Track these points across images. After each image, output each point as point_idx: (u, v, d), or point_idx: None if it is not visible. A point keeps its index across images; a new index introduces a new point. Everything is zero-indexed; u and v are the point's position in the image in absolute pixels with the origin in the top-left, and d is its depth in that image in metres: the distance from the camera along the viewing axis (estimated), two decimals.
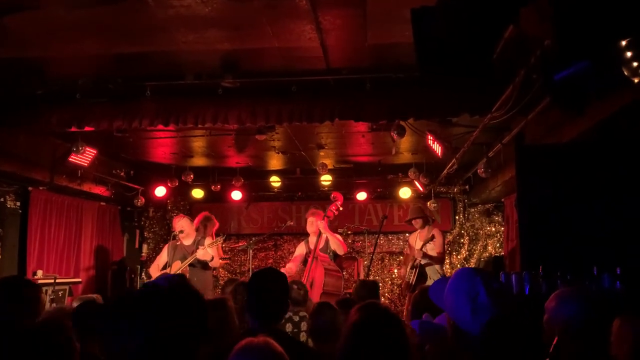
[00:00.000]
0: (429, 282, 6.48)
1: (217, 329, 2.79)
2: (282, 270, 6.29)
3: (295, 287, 4.31)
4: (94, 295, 3.64)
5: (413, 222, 7.17)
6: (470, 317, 1.67)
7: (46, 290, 6.74)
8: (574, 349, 2.00)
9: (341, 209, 6.85)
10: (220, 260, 7.04)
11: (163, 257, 6.49)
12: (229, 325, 3.03)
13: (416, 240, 7.09)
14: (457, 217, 9.96)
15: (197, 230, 6.63)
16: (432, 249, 6.74)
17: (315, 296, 5.68)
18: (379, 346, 2.02)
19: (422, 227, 7.07)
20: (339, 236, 6.58)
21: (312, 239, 6.51)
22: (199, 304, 1.56)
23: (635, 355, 2.07)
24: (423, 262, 6.73)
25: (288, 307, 2.90)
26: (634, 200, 4.40)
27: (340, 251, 6.45)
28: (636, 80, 2.65)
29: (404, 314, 6.74)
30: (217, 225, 7.05)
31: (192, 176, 8.73)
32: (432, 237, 6.82)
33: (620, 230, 4.39)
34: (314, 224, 6.44)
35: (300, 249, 6.64)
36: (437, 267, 6.76)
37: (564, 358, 1.97)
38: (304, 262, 6.46)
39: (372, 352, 2.01)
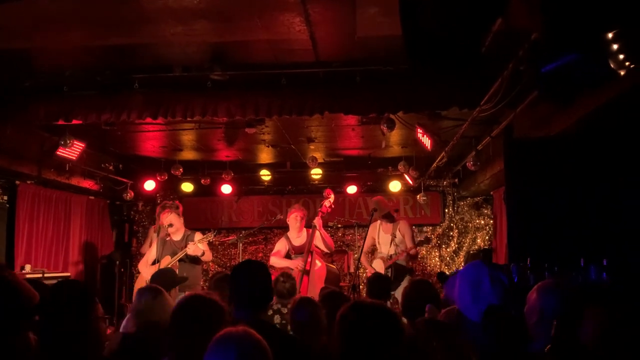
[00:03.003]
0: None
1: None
2: (280, 266, 6.36)
3: (280, 279, 4.31)
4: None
5: (381, 221, 6.92)
6: (471, 303, 1.74)
7: None
8: (547, 339, 2.04)
9: (333, 206, 6.87)
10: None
11: (152, 252, 6.45)
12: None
13: (379, 232, 6.87)
14: (446, 210, 10.02)
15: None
16: (403, 250, 6.64)
17: (316, 291, 5.64)
18: (375, 341, 2.06)
19: (390, 222, 6.88)
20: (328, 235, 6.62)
21: (293, 234, 6.52)
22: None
23: (602, 345, 2.13)
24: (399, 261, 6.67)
25: (272, 297, 2.92)
26: (620, 193, 4.44)
27: (329, 250, 6.52)
28: (623, 73, 2.67)
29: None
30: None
31: (181, 170, 8.67)
32: (401, 237, 6.68)
33: (608, 222, 4.43)
34: (298, 219, 6.44)
35: (281, 245, 6.57)
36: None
37: (539, 346, 2.02)
38: (287, 257, 6.47)
39: (369, 346, 2.05)
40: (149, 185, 9.35)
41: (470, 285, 1.80)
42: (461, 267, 9.38)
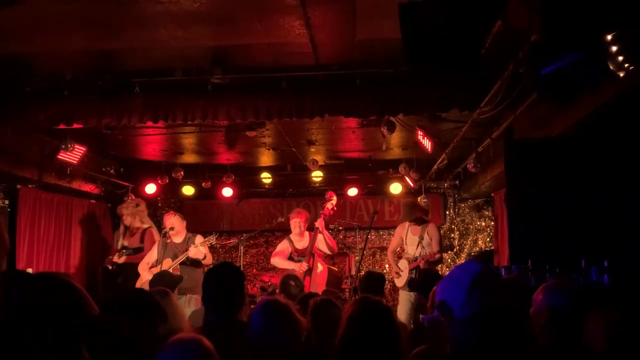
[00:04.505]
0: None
1: None
2: (284, 266, 6.41)
3: (292, 282, 4.39)
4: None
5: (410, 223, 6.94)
6: (459, 304, 1.71)
7: None
8: (555, 340, 2.03)
9: (335, 208, 6.91)
10: None
11: (153, 254, 6.47)
12: None
13: (407, 233, 6.91)
14: (447, 212, 10.01)
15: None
16: (426, 255, 6.61)
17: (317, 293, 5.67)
18: (372, 336, 2.16)
19: (419, 225, 6.89)
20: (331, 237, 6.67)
21: (295, 237, 6.58)
22: None
23: (609, 347, 2.11)
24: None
25: (243, 299, 2.96)
26: (621, 193, 4.44)
27: (332, 251, 6.57)
28: (622, 74, 2.67)
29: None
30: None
31: (182, 173, 8.69)
32: (430, 240, 6.67)
33: (608, 222, 4.43)
34: (300, 224, 6.48)
35: (284, 246, 6.64)
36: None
37: (544, 348, 2.01)
38: (290, 259, 6.51)
39: (365, 342, 2.14)
40: (150, 188, 9.35)
41: (459, 284, 1.77)
42: None
